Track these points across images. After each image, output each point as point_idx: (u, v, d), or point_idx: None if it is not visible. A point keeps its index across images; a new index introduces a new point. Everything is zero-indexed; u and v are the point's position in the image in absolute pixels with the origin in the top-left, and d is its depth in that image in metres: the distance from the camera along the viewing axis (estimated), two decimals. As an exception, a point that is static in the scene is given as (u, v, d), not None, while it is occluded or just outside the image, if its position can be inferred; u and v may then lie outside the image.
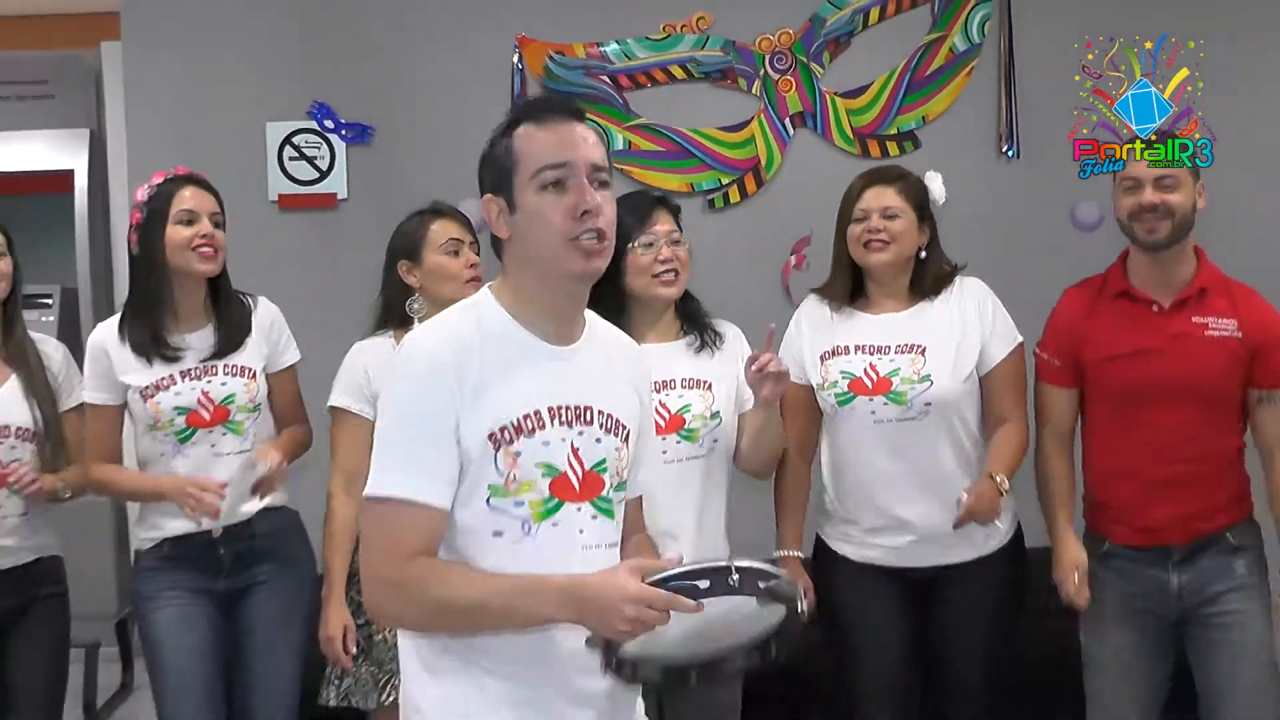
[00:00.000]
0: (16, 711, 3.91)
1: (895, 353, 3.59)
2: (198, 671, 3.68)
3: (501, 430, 2.28)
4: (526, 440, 2.29)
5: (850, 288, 3.64)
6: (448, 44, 4.72)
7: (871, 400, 3.54)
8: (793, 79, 4.63)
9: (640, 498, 2.63)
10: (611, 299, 3.42)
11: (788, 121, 4.63)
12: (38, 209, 4.13)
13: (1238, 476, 3.59)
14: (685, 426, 3.49)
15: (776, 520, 3.70)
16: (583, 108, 2.42)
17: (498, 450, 2.28)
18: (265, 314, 3.75)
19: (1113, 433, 3.61)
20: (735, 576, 2.19)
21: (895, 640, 3.69)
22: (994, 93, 4.77)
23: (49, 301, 5.05)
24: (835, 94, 4.65)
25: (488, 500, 2.28)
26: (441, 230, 3.61)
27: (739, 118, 4.67)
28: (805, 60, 4.62)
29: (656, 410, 3.45)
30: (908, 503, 3.59)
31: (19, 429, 3.74)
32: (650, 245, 3.45)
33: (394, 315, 3.66)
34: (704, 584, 2.16)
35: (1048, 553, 3.77)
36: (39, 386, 3.83)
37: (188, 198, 3.56)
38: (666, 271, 3.46)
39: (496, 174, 2.34)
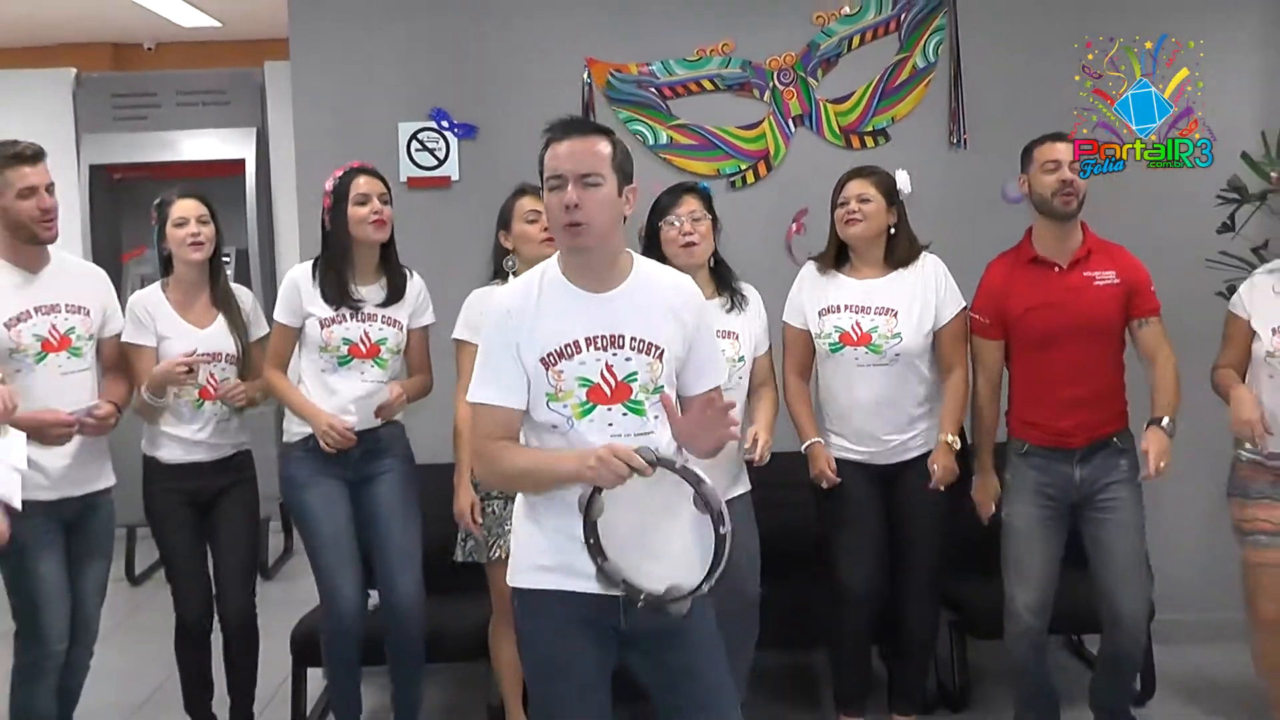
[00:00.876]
0: (221, 571, 4.44)
1: (875, 314, 4.18)
2: (345, 533, 4.25)
3: (548, 355, 2.84)
4: (566, 362, 2.84)
5: (836, 256, 4.26)
6: (536, 64, 5.20)
7: (855, 350, 4.18)
8: (794, 89, 5.18)
9: (719, 387, 3.02)
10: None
11: (790, 121, 5.19)
12: (216, 189, 4.71)
13: (1120, 396, 4.13)
14: None
15: (794, 422, 4.30)
16: (595, 124, 2.98)
17: (548, 370, 2.84)
18: (415, 284, 4.30)
19: (1031, 367, 4.15)
20: (680, 463, 2.68)
21: (870, 512, 4.32)
22: (945, 98, 5.20)
23: (227, 260, 5.78)
24: (826, 100, 5.20)
25: (547, 404, 2.86)
26: (525, 204, 4.17)
27: (753, 119, 5.20)
28: (804, 75, 5.17)
29: None
30: (875, 422, 4.24)
31: (228, 355, 4.32)
32: (673, 224, 4.07)
33: (499, 271, 4.25)
34: (654, 459, 2.64)
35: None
36: (239, 323, 4.38)
37: (362, 184, 4.13)
38: (686, 243, 4.07)
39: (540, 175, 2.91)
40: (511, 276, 4.09)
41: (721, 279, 4.23)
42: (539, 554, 2.90)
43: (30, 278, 4.01)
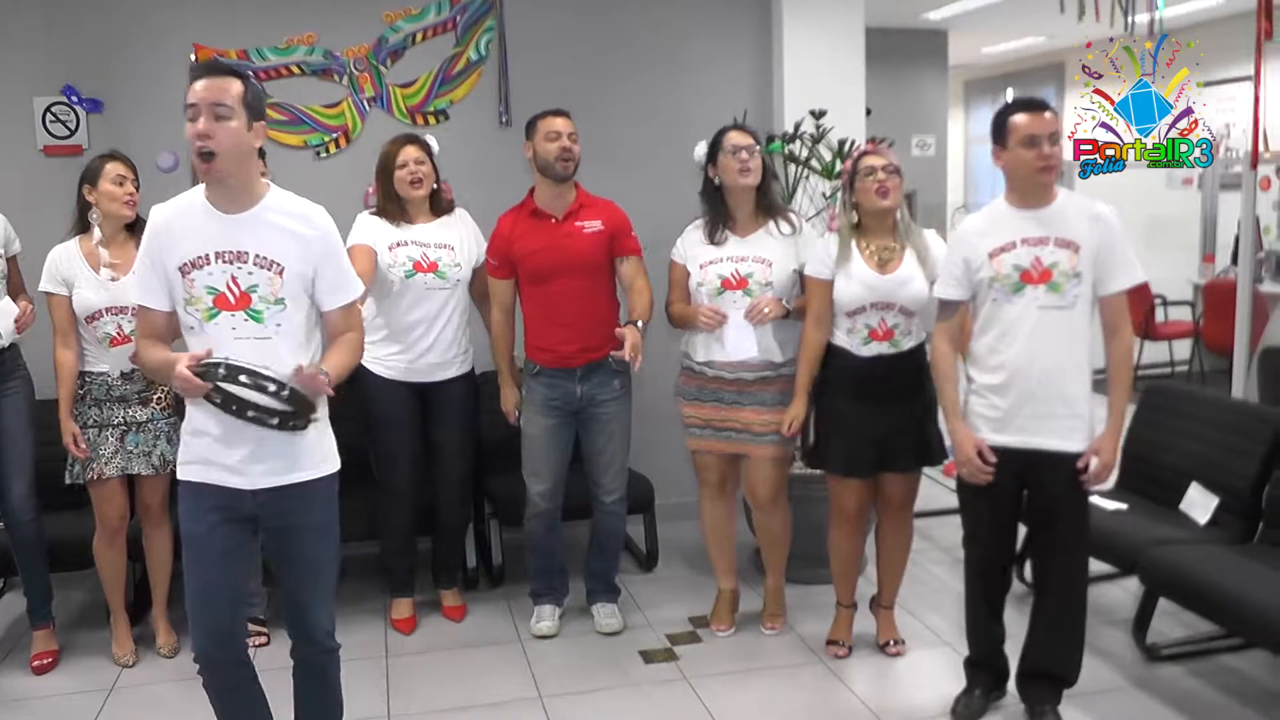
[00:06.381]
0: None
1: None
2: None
3: (183, 265, 2.84)
4: (197, 272, 2.83)
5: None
6: (150, 49, 5.20)
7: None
8: (368, 75, 5.37)
9: (343, 309, 2.97)
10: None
11: (365, 102, 5.40)
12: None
13: (612, 325, 4.26)
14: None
15: None
16: (229, 69, 2.84)
17: (184, 277, 2.84)
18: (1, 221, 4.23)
19: (535, 301, 4.33)
20: (254, 374, 2.69)
21: (410, 423, 4.47)
22: (495, 85, 5.47)
23: None
24: (395, 85, 5.42)
25: (185, 307, 2.86)
26: (111, 169, 4.14)
27: (334, 99, 5.39)
28: (376, 64, 5.38)
29: None
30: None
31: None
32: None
33: (84, 226, 4.18)
34: (219, 376, 2.69)
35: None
36: None
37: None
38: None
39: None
40: (96, 229, 4.17)
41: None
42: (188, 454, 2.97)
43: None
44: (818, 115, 5.16)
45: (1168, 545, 4.18)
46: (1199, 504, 4.43)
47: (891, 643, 4.40)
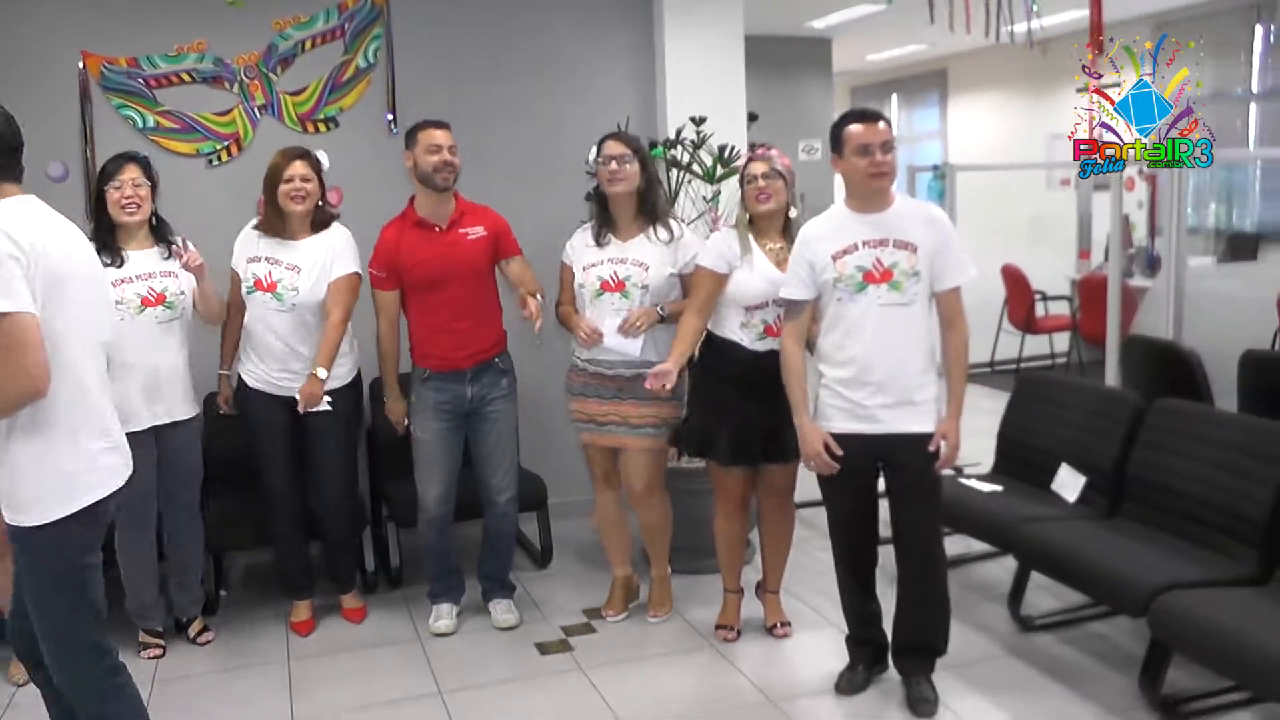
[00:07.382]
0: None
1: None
2: None
3: None
4: None
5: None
6: (36, 55, 5.04)
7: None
8: (258, 83, 5.34)
9: None
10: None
11: (256, 109, 5.36)
12: None
13: (498, 325, 4.47)
14: None
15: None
16: None
17: None
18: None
19: (421, 308, 4.38)
20: None
21: (280, 431, 4.45)
22: (383, 92, 5.47)
23: None
24: (285, 93, 5.39)
25: None
26: None
27: (225, 106, 5.33)
28: (266, 71, 5.35)
29: None
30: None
31: None
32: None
33: None
34: None
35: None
36: None
37: None
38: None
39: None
40: None
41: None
42: None
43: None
44: (698, 122, 5.29)
45: (1039, 523, 4.38)
46: (1068, 483, 4.63)
47: (779, 625, 4.53)
